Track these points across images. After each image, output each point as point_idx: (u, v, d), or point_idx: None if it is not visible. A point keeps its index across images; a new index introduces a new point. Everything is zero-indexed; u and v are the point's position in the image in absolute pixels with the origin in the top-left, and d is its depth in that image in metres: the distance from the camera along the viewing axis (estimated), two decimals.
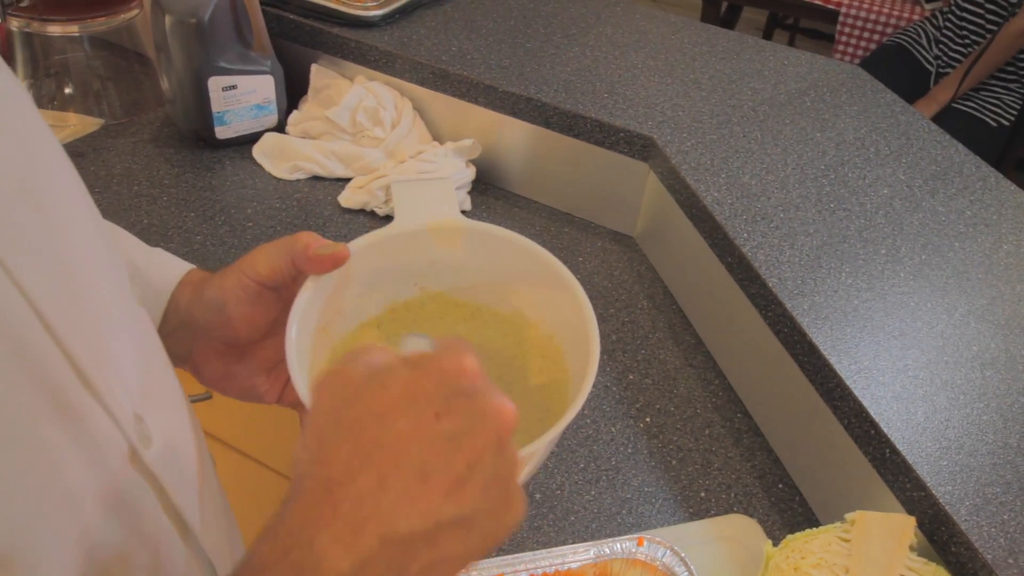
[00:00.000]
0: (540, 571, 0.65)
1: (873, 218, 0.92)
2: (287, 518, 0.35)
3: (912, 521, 0.64)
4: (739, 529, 0.76)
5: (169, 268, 0.59)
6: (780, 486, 0.82)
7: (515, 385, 0.63)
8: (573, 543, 0.70)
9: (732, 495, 0.81)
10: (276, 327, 0.57)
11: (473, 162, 1.15)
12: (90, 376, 0.37)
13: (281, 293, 0.57)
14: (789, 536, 0.67)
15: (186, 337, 0.58)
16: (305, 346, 0.55)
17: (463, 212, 1.12)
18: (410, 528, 0.34)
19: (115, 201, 1.07)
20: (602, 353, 0.92)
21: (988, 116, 2.20)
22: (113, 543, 0.39)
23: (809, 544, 0.66)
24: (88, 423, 0.37)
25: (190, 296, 0.58)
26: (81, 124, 1.18)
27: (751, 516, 0.78)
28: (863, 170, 1.00)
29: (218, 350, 0.59)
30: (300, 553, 0.34)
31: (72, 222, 0.41)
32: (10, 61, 1.19)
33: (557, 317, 0.60)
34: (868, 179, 0.98)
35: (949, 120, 2.18)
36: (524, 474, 0.55)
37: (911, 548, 0.64)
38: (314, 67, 1.22)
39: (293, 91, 1.21)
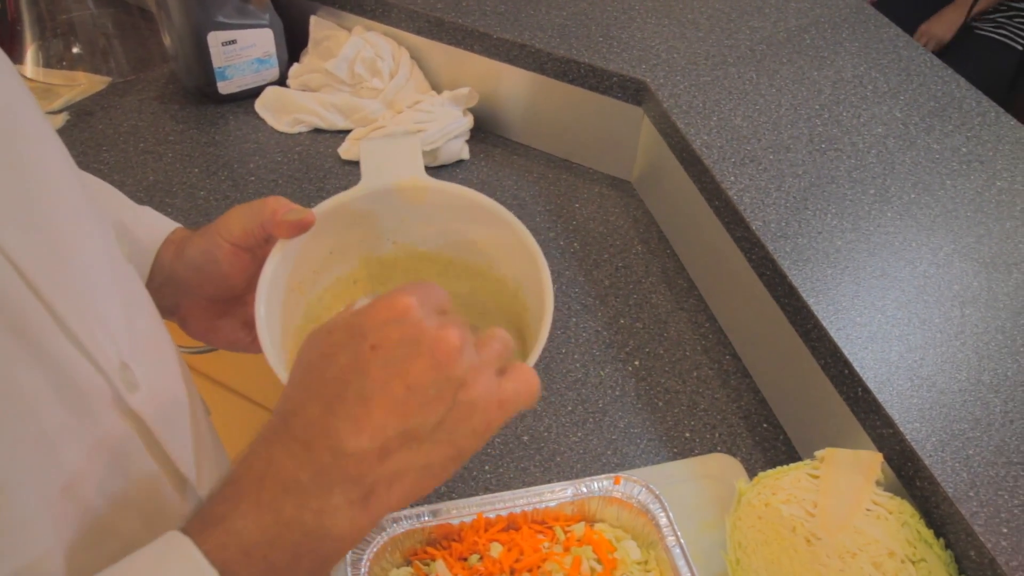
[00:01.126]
0: (518, 510, 0.68)
1: (864, 158, 0.92)
2: (253, 447, 0.40)
3: (879, 457, 0.66)
4: (720, 468, 0.78)
5: (155, 226, 0.62)
6: (765, 426, 0.84)
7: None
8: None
9: (716, 435, 0.83)
10: (253, 285, 0.59)
11: (471, 110, 1.16)
12: (70, 324, 0.39)
13: (255, 252, 0.59)
14: (761, 473, 0.69)
15: (171, 293, 0.61)
16: (275, 310, 0.58)
17: (460, 162, 1.13)
18: (358, 444, 0.38)
19: (122, 158, 1.10)
20: (594, 298, 0.94)
21: (1018, 42, 2.13)
22: (100, 486, 0.42)
23: (780, 481, 0.68)
24: (68, 369, 0.40)
25: (173, 254, 0.60)
26: (89, 83, 1.21)
27: (734, 456, 0.80)
28: (858, 109, 0.99)
29: (202, 305, 0.62)
30: (261, 465, 0.39)
31: (52, 183, 0.43)
32: (18, 23, 1.22)
33: (519, 269, 0.62)
34: (863, 118, 0.97)
35: (972, 45, 2.11)
36: None
37: (878, 483, 0.65)
38: (313, 18, 1.23)
39: (294, 44, 1.23)
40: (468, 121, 1.13)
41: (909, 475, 0.65)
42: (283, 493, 0.38)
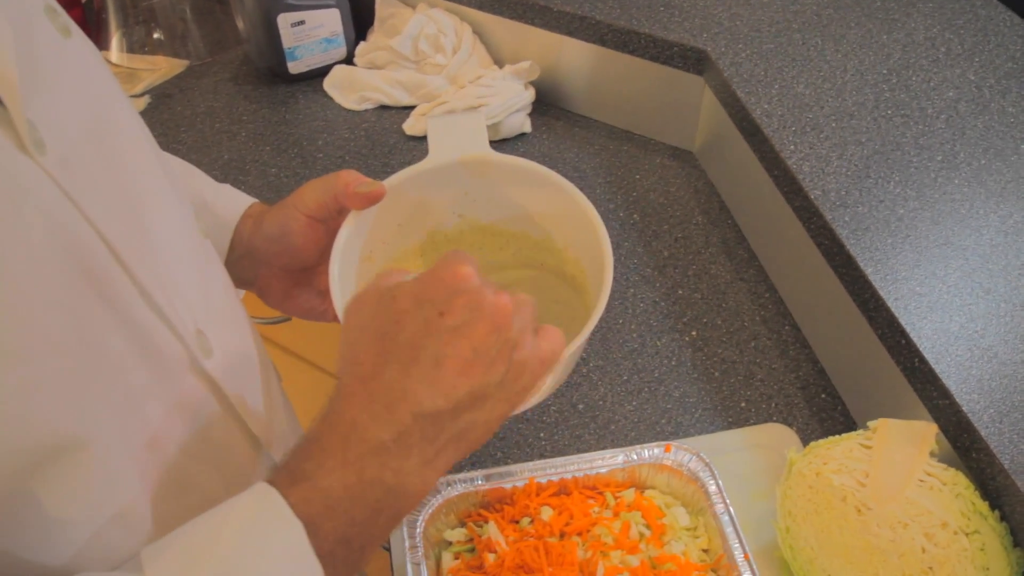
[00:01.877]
0: (570, 475, 0.70)
1: (933, 124, 0.89)
2: (333, 407, 0.43)
3: (934, 428, 0.65)
4: (774, 438, 0.78)
5: (234, 202, 0.66)
6: (823, 396, 0.83)
7: (546, 304, 0.67)
8: None
9: (773, 405, 0.82)
10: (327, 256, 0.63)
11: (532, 84, 1.16)
12: (153, 295, 0.43)
13: (328, 224, 0.62)
14: (812, 443, 0.69)
15: (250, 264, 0.65)
16: (349, 277, 0.61)
17: (523, 135, 1.14)
18: (434, 405, 0.41)
19: (199, 139, 1.15)
20: (652, 269, 0.95)
21: None
22: (180, 443, 0.46)
23: (831, 451, 0.68)
24: (150, 335, 0.44)
25: (251, 228, 0.64)
26: (169, 66, 1.27)
27: (790, 426, 0.80)
28: (929, 72, 0.95)
29: (278, 276, 0.65)
30: (345, 426, 0.41)
31: (138, 165, 0.47)
32: (103, 11, 1.28)
33: (581, 240, 0.63)
34: (933, 82, 0.94)
35: None
36: (549, 382, 0.59)
37: (932, 454, 0.64)
38: None
39: (360, 22, 1.25)
40: (530, 94, 1.14)
41: (965, 446, 0.64)
42: (368, 454, 0.40)
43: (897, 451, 0.65)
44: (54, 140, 0.38)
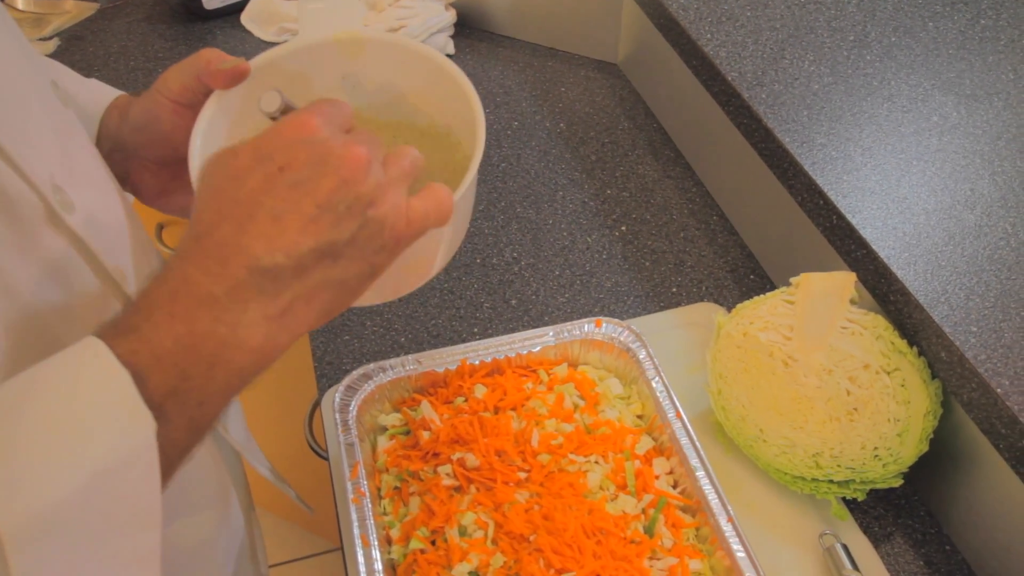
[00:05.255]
0: (502, 355, 0.70)
1: (844, 8, 0.90)
2: (167, 265, 0.40)
3: (852, 276, 0.66)
4: (706, 315, 0.79)
5: (100, 94, 0.63)
6: (752, 277, 0.84)
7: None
8: None
9: (704, 288, 0.83)
10: None
11: (455, 7, 1.15)
12: (1, 142, 0.41)
13: (195, 110, 0.60)
14: (739, 305, 0.70)
15: (121, 159, 0.62)
16: (214, 148, 0.58)
17: (445, 56, 1.13)
18: (273, 261, 0.39)
19: (112, 78, 1.11)
20: (580, 172, 0.95)
21: None
22: (44, 296, 0.44)
23: (757, 310, 0.69)
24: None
25: (117, 119, 0.61)
26: (78, 9, 1.22)
27: (721, 305, 0.81)
28: None
29: (151, 170, 0.62)
30: (175, 282, 0.39)
31: None
32: None
33: (460, 117, 0.61)
34: None
35: None
36: (443, 247, 0.57)
37: (852, 302, 0.66)
38: None
39: None
40: (451, 16, 1.13)
41: (883, 292, 0.66)
42: (197, 306, 0.38)
43: (819, 302, 0.66)
44: None
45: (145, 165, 0.62)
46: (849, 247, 0.69)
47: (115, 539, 0.36)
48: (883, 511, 0.67)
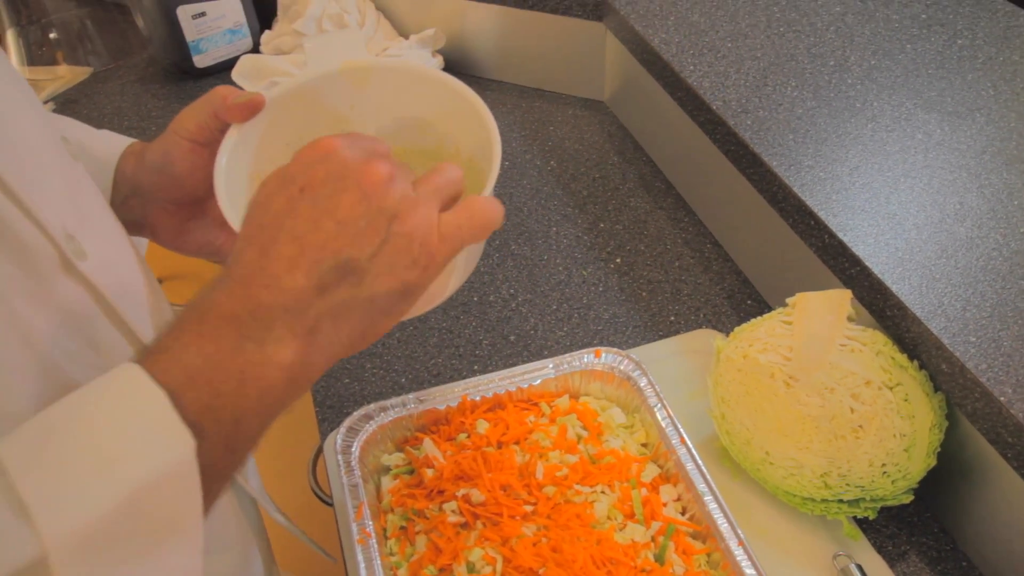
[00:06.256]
0: (503, 390, 0.70)
1: (823, 35, 0.92)
2: (198, 293, 0.41)
3: (847, 293, 0.66)
4: (705, 342, 0.79)
5: (113, 142, 0.64)
6: (748, 302, 0.84)
7: None
8: None
9: (701, 316, 0.83)
10: None
11: (441, 53, 1.17)
12: (10, 184, 0.41)
13: (213, 148, 0.61)
14: (737, 328, 0.70)
15: (138, 204, 0.63)
16: (239, 195, 0.59)
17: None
18: (294, 282, 0.40)
19: None
20: (572, 207, 0.95)
21: None
22: (63, 347, 0.44)
23: (755, 332, 0.69)
24: (12, 227, 0.42)
25: (134, 164, 0.62)
26: (71, 74, 1.25)
27: (720, 331, 0.81)
28: None
29: (168, 211, 0.63)
30: (203, 308, 0.40)
31: (7, 95, 0.46)
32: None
33: (472, 136, 0.63)
34: (820, 0, 0.98)
35: None
36: (460, 265, 0.57)
37: (849, 319, 0.66)
38: None
39: (265, 13, 1.25)
40: (438, 62, 1.15)
41: (880, 307, 0.66)
42: (223, 325, 0.39)
43: (816, 321, 0.66)
44: None
45: (163, 207, 0.63)
46: (843, 265, 0.69)
47: (158, 556, 0.36)
48: (896, 529, 0.66)
